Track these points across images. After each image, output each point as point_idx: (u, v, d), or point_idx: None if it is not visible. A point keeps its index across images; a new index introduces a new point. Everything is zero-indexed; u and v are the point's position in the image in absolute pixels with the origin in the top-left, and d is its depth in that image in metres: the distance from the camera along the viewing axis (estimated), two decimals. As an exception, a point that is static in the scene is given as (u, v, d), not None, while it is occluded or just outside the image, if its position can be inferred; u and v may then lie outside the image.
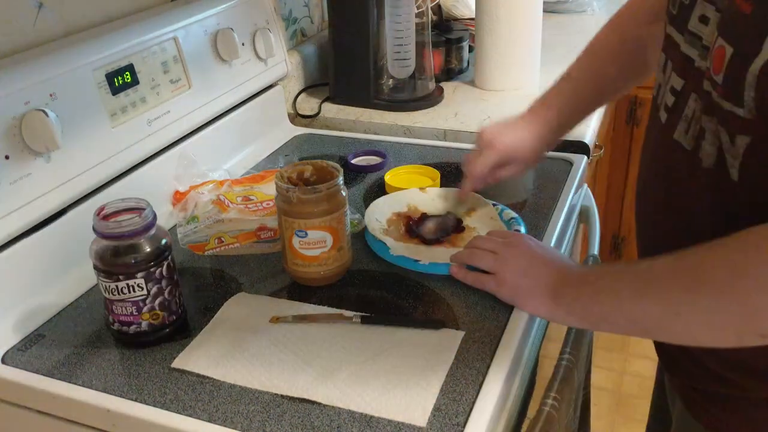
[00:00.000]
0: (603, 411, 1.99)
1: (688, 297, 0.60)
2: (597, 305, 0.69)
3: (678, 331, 0.62)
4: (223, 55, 1.17)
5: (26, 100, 0.83)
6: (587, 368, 1.00)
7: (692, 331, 0.61)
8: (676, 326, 0.61)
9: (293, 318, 0.81)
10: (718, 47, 0.58)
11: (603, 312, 0.69)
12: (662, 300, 0.62)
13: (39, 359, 0.78)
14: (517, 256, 0.81)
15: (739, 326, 0.57)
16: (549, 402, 0.74)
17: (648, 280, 0.64)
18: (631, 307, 0.65)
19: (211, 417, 0.68)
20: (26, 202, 0.83)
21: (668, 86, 0.70)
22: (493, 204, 1.01)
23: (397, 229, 0.98)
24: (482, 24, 1.48)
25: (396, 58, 1.41)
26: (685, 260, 0.61)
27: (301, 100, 1.51)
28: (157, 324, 0.78)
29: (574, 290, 0.73)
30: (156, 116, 1.03)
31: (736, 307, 0.56)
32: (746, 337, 0.58)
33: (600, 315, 0.69)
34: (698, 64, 0.64)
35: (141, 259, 0.74)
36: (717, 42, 0.59)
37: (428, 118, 1.37)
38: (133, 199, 0.77)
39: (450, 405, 0.68)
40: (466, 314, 0.81)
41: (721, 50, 0.58)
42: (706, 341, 0.62)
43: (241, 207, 1.01)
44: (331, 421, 0.67)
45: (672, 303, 0.61)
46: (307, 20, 1.62)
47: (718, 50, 0.58)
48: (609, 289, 0.69)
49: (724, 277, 0.57)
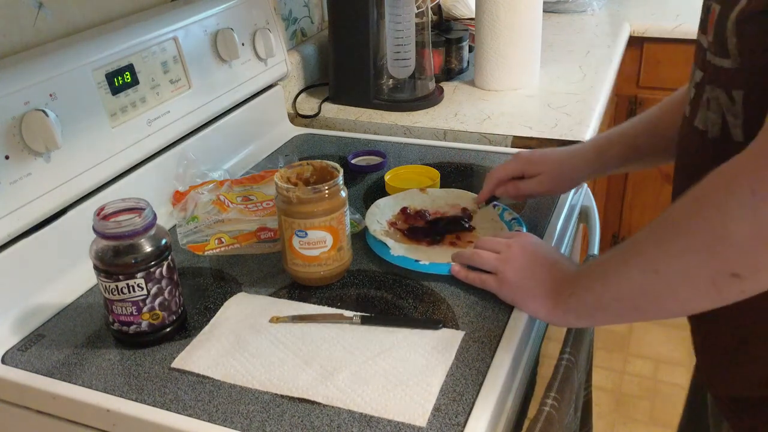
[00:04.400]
0: (603, 411, 1.99)
1: (660, 247, 0.60)
2: (589, 294, 0.70)
3: (661, 293, 0.61)
4: (223, 55, 1.17)
5: (26, 100, 0.83)
6: (588, 368, 1.00)
7: (673, 287, 0.60)
8: (658, 287, 0.61)
9: (293, 318, 0.81)
10: (712, 10, 0.63)
11: (594, 298, 0.69)
12: (640, 261, 0.62)
13: (39, 359, 0.78)
14: (520, 256, 0.81)
15: (711, 267, 0.56)
16: (549, 402, 0.74)
17: (627, 249, 0.65)
18: (616, 282, 0.65)
19: (211, 417, 0.68)
20: (26, 202, 0.83)
21: (692, 83, 0.71)
22: (494, 205, 1.01)
23: (397, 230, 0.98)
24: (482, 24, 1.48)
25: (396, 58, 1.41)
26: (657, 218, 0.62)
27: (301, 100, 1.51)
28: (157, 324, 0.78)
29: (570, 287, 0.73)
30: (156, 116, 1.03)
31: (702, 240, 0.56)
32: (722, 282, 0.56)
33: (592, 303, 0.69)
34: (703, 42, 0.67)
35: (141, 259, 0.74)
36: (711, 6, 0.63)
37: (428, 118, 1.37)
38: (133, 199, 0.77)
39: (450, 405, 0.68)
40: (466, 314, 0.81)
41: (713, 12, 0.63)
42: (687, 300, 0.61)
43: (241, 207, 1.01)
44: (331, 421, 0.67)
45: (648, 260, 0.61)
46: (307, 20, 1.62)
47: (712, 13, 0.63)
48: (596, 272, 0.70)
49: (688, 213, 0.58)
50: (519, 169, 0.98)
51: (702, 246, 0.56)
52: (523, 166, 0.97)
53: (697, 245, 0.57)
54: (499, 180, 0.98)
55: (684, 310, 0.63)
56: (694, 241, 0.57)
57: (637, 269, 0.63)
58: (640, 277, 0.62)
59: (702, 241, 0.56)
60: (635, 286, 0.63)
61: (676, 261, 0.59)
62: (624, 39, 1.89)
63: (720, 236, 0.55)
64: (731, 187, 0.54)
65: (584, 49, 1.76)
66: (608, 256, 0.68)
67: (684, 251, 0.58)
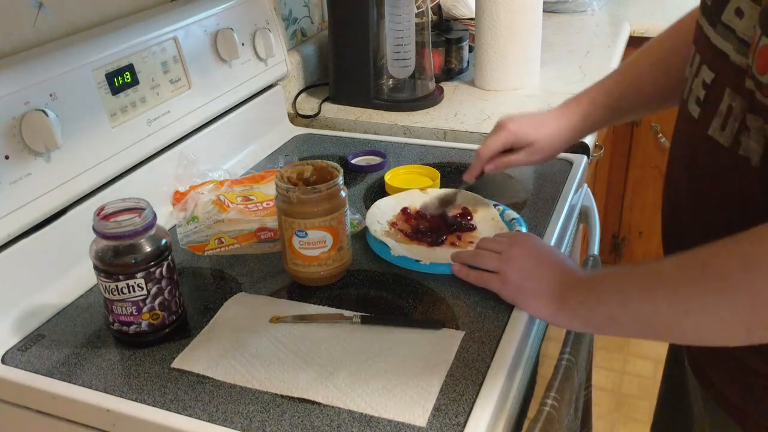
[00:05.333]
0: (603, 411, 1.99)
1: (697, 291, 0.59)
2: (603, 307, 0.68)
3: (687, 329, 0.61)
4: (223, 55, 1.17)
5: (26, 100, 0.83)
6: (588, 368, 1.00)
7: (701, 328, 0.60)
8: (686, 324, 0.60)
9: (293, 318, 0.81)
10: (764, 46, 0.56)
11: (609, 314, 0.67)
12: (670, 297, 0.61)
13: (39, 359, 0.78)
14: (523, 256, 0.80)
15: (748, 320, 0.56)
16: (549, 402, 0.74)
17: (655, 278, 0.63)
18: (638, 307, 0.64)
19: (211, 417, 0.68)
20: (26, 202, 0.83)
21: (699, 79, 0.68)
22: (495, 204, 1.01)
23: (398, 231, 0.98)
24: (482, 24, 1.48)
25: (396, 58, 1.41)
26: (694, 256, 0.60)
27: (301, 100, 1.51)
28: (157, 324, 0.78)
29: (579, 294, 0.72)
30: (156, 116, 1.03)
31: (746, 299, 0.55)
32: (755, 332, 0.57)
33: (605, 317, 0.68)
34: (734, 58, 0.62)
35: (141, 259, 0.74)
36: (761, 41, 0.57)
37: (428, 118, 1.37)
38: (133, 199, 0.77)
39: (450, 405, 0.68)
40: (466, 314, 0.81)
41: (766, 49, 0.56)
42: (714, 339, 0.61)
43: (241, 207, 1.01)
44: (331, 421, 0.67)
45: (680, 299, 0.60)
46: (307, 20, 1.62)
47: (764, 49, 0.57)
48: (615, 289, 0.68)
49: (734, 269, 0.56)
50: (507, 144, 0.97)
51: (746, 304, 0.56)
52: (512, 139, 0.97)
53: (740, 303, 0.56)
54: (487, 158, 0.98)
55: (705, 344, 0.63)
56: (737, 298, 0.56)
57: (665, 303, 0.61)
58: (667, 311, 0.61)
59: (746, 300, 0.56)
60: (659, 317, 0.62)
61: (711, 310, 0.58)
62: (624, 39, 1.89)
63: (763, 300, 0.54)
64: None
65: (584, 49, 1.76)
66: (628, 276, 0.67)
67: (724, 304, 0.57)
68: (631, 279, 0.66)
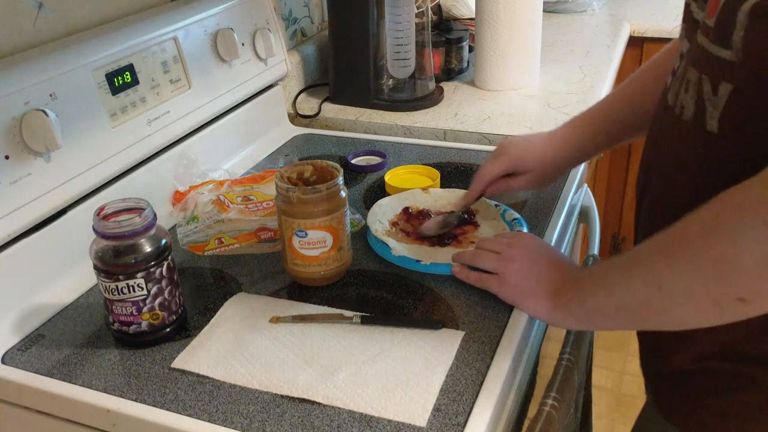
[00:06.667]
0: (603, 411, 1.99)
1: (667, 264, 0.59)
2: (590, 298, 0.69)
3: (662, 308, 0.61)
4: (223, 55, 1.17)
5: (26, 100, 0.83)
6: (588, 368, 1.00)
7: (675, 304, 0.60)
8: (660, 302, 0.61)
9: (293, 318, 0.81)
10: None
11: (596, 304, 0.68)
12: (645, 274, 0.62)
13: (39, 359, 0.78)
14: (522, 257, 0.80)
15: (716, 290, 0.56)
16: (549, 402, 0.74)
17: (632, 259, 0.64)
18: (620, 293, 0.65)
19: (211, 417, 0.68)
20: (26, 202, 0.83)
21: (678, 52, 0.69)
22: (495, 205, 1.01)
23: (399, 230, 0.98)
24: (482, 24, 1.48)
25: (396, 58, 1.41)
26: (664, 232, 0.61)
27: (301, 100, 1.51)
28: (157, 324, 0.78)
29: (570, 290, 0.73)
30: (156, 116, 1.03)
31: (710, 266, 0.56)
32: (726, 304, 0.56)
33: (594, 309, 0.69)
34: (696, 16, 0.64)
35: (141, 259, 0.74)
36: None
37: (428, 118, 1.37)
38: (133, 199, 0.77)
39: (450, 405, 0.68)
40: (466, 314, 0.81)
41: None
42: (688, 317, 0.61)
43: (241, 207, 1.01)
44: (331, 421, 0.67)
45: (653, 275, 0.61)
46: (307, 20, 1.62)
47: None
48: (600, 279, 0.69)
49: (695, 235, 0.57)
50: (508, 170, 0.98)
51: (709, 270, 0.56)
52: (512, 166, 0.97)
53: (705, 268, 0.56)
54: (487, 182, 0.98)
55: (683, 326, 0.63)
56: (701, 264, 0.56)
57: (641, 282, 0.62)
58: (644, 289, 0.62)
59: (710, 265, 0.56)
60: (638, 298, 0.63)
61: (682, 280, 0.58)
62: (624, 39, 1.89)
63: (728, 262, 0.54)
64: (743, 217, 0.53)
65: (584, 49, 1.76)
66: (612, 264, 0.68)
67: (690, 272, 0.57)
68: (613, 266, 0.67)
